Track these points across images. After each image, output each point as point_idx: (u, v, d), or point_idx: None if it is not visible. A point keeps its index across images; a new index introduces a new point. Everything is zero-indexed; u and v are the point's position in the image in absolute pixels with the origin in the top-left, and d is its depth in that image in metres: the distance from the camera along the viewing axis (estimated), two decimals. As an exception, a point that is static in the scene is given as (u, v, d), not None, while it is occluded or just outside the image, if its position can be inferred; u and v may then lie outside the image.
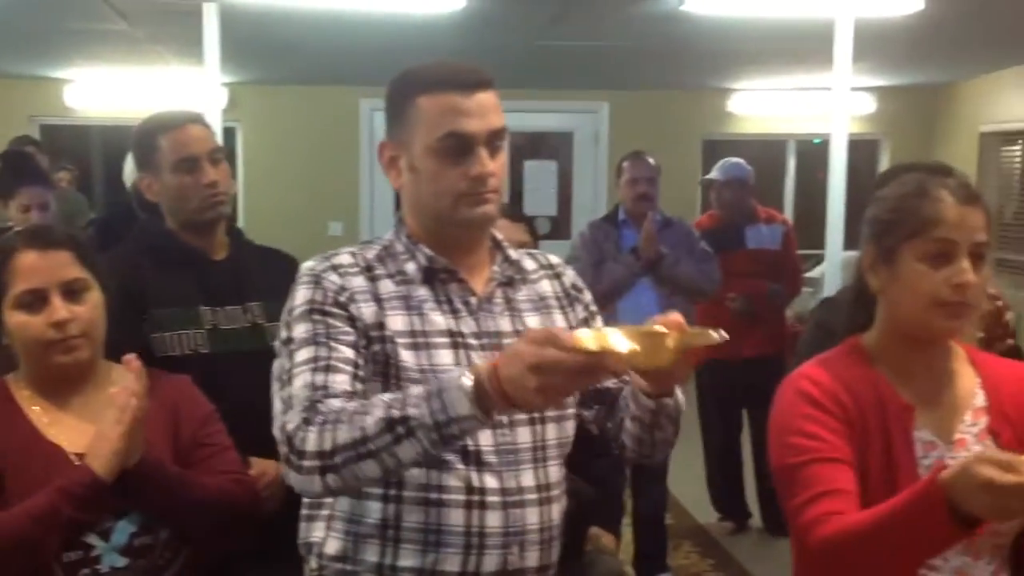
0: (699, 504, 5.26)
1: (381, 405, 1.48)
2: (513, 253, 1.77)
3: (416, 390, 1.48)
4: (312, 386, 1.55)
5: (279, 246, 2.60)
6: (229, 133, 8.13)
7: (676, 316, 1.43)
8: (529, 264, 1.78)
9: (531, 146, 8.96)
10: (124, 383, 1.76)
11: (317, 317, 1.61)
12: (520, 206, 8.61)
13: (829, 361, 1.62)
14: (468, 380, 1.41)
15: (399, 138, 1.68)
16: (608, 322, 1.67)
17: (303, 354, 1.59)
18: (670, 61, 7.08)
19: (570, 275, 1.82)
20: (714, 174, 5.14)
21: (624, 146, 5.16)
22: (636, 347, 1.37)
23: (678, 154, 8.12)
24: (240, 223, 8.52)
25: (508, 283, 1.73)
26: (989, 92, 8.39)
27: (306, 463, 1.50)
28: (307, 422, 1.51)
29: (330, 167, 8.45)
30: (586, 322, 1.79)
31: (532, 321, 1.72)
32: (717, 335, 1.39)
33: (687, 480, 5.24)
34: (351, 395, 1.55)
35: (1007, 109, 8.14)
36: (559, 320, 1.75)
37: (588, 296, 1.82)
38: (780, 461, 1.57)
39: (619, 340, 1.37)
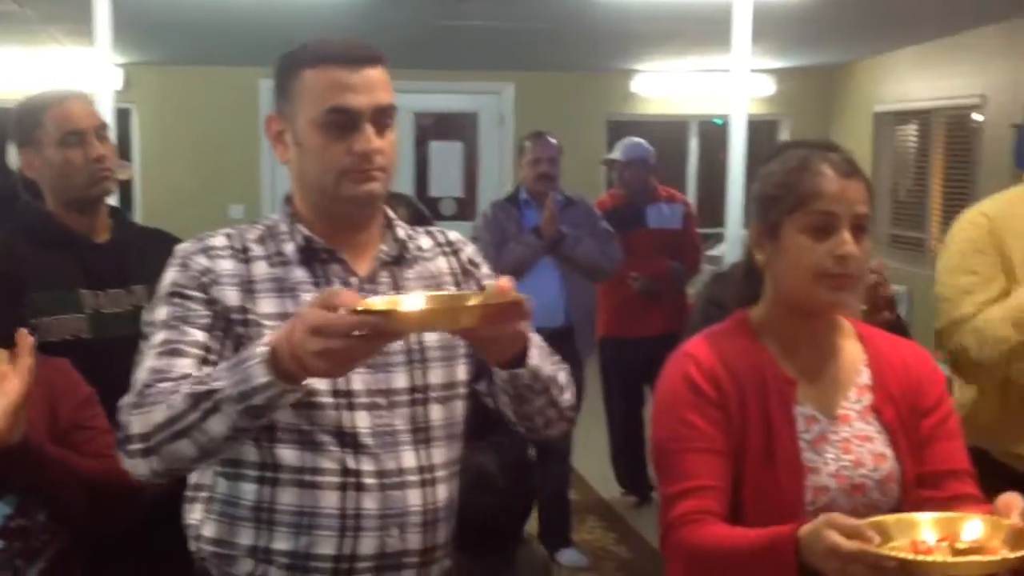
0: (603, 479, 5.32)
1: (190, 382, 1.46)
2: (403, 232, 1.74)
3: (223, 364, 1.46)
4: (153, 370, 1.53)
5: (178, 230, 2.54)
6: (124, 115, 7.93)
7: (504, 281, 1.40)
8: (425, 242, 1.76)
9: (436, 127, 8.92)
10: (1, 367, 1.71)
11: (177, 300, 1.59)
12: (426, 187, 8.60)
13: (714, 335, 1.64)
14: (264, 347, 1.38)
15: (285, 112, 1.65)
16: None
17: (157, 337, 1.57)
18: (574, 42, 7.10)
19: (468, 250, 1.79)
20: (615, 154, 5.19)
21: (529, 127, 5.17)
22: (429, 308, 1.33)
23: (582, 135, 8.17)
24: (137, 207, 8.35)
25: (395, 262, 1.70)
26: (883, 72, 8.60)
27: (131, 447, 1.49)
28: (134, 406, 1.50)
29: (229, 149, 8.31)
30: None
31: None
32: (518, 294, 1.36)
33: (591, 456, 5.30)
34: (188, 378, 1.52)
35: (900, 89, 8.35)
36: None
37: (486, 270, 1.79)
38: (659, 441, 1.60)
39: (412, 301, 1.35)
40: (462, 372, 1.70)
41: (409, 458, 1.63)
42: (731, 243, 5.06)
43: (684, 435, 1.55)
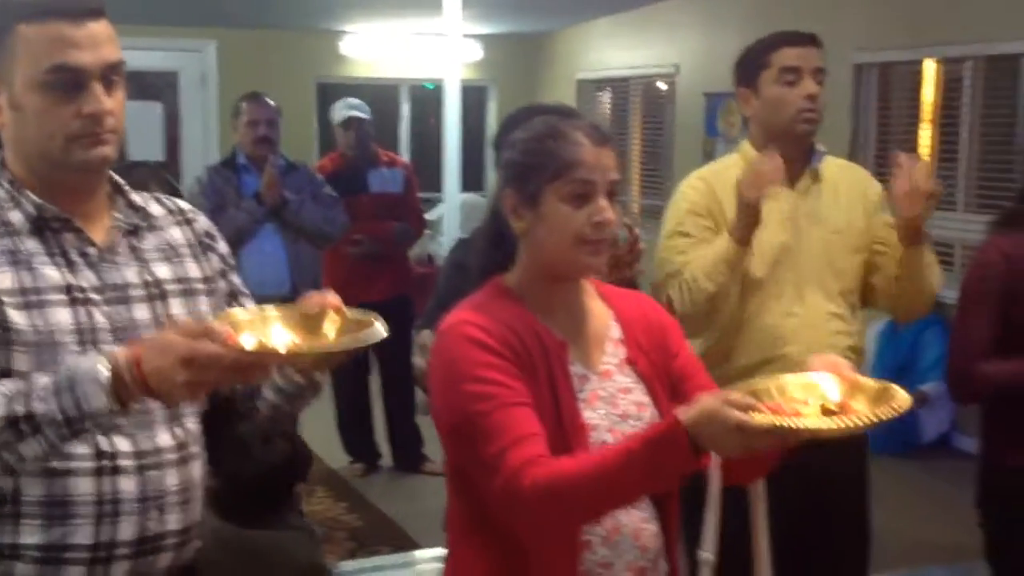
0: (330, 449, 5.25)
1: (2, 401, 1.36)
2: (137, 198, 1.64)
3: (43, 381, 1.37)
4: None
5: None
6: None
7: (333, 298, 1.43)
8: (156, 209, 1.66)
9: (131, 86, 8.34)
10: None
11: None
12: (123, 152, 8.08)
13: (483, 305, 1.62)
14: (105, 371, 1.33)
15: None
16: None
17: None
18: (279, -1, 6.89)
19: (203, 222, 1.72)
20: (337, 115, 5.08)
21: (234, 88, 4.97)
22: (296, 341, 1.37)
23: (292, 97, 7.93)
24: None
25: (133, 231, 1.60)
26: (584, 41, 8.94)
27: None
28: None
29: None
30: (224, 275, 1.70)
31: (163, 271, 1.60)
32: (378, 324, 1.41)
33: (317, 426, 5.21)
34: None
35: (600, 57, 8.72)
36: (192, 269, 1.65)
37: (224, 246, 1.73)
38: (461, 410, 1.54)
39: (279, 335, 1.37)
40: None
41: (165, 436, 1.57)
42: (449, 207, 5.12)
43: (491, 394, 1.52)
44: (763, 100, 2.35)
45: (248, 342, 1.34)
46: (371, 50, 8.68)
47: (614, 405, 1.62)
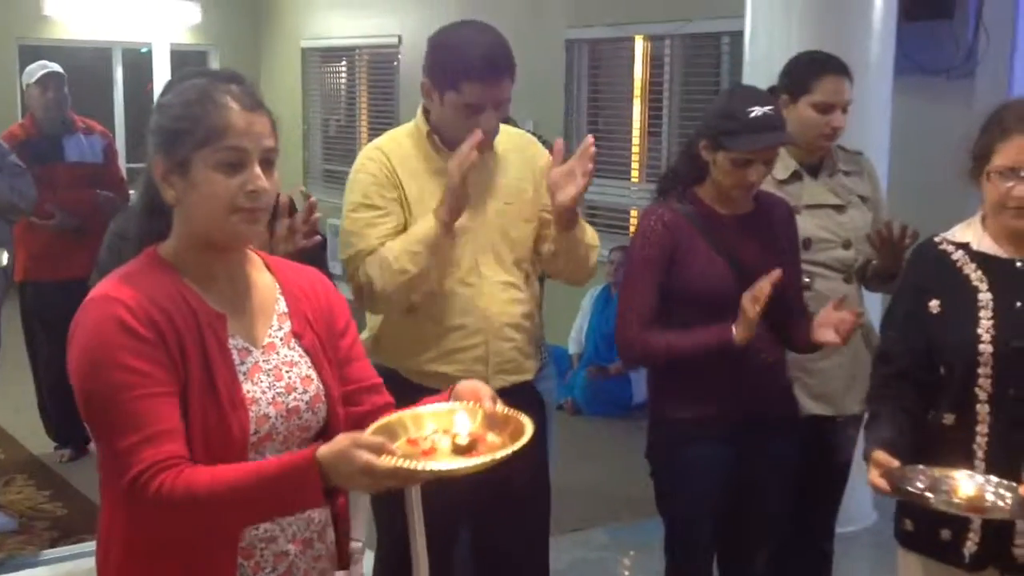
0: (31, 434, 4.94)
1: None
2: None
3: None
4: None
5: None
6: None
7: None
8: None
9: None
10: None
11: None
12: None
13: (130, 275, 1.55)
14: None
15: None
16: None
17: None
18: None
19: None
20: (34, 75, 4.75)
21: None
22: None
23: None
24: None
25: None
26: (308, 8, 8.78)
27: None
28: None
29: None
30: None
31: None
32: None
33: (16, 410, 4.91)
34: None
35: (325, 26, 8.60)
36: None
37: None
38: (98, 393, 1.47)
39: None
40: None
41: None
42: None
43: (131, 383, 1.45)
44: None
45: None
46: (79, 10, 8.17)
47: (278, 378, 1.59)
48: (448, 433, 1.48)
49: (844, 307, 2.39)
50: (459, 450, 1.44)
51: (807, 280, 2.63)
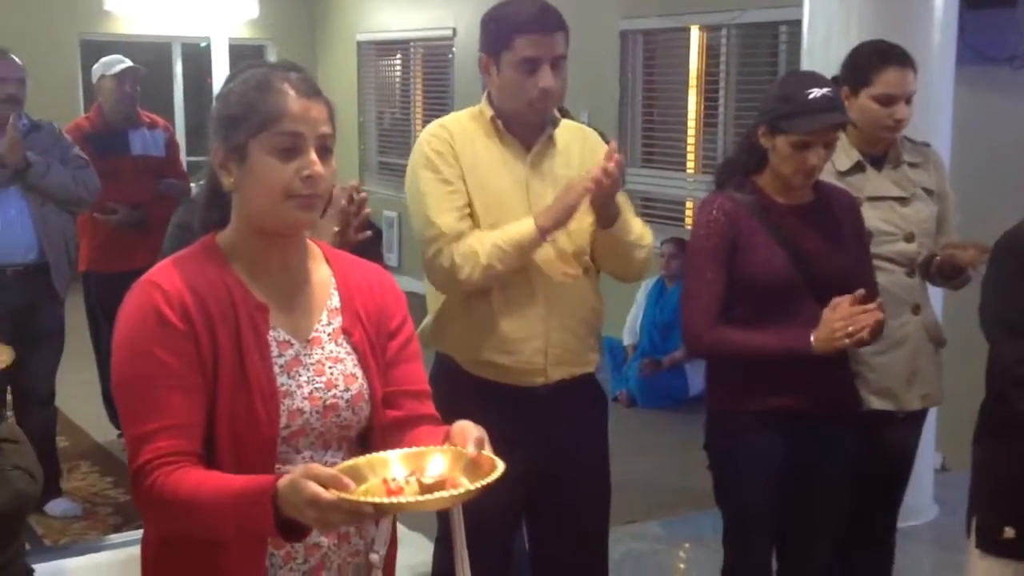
0: (96, 422, 5.04)
1: None
2: None
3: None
4: None
5: None
6: None
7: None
8: None
9: None
10: None
11: None
12: None
13: (181, 261, 1.57)
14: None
15: None
16: None
17: None
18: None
19: None
20: (111, 68, 4.83)
21: (-11, 45, 4.64)
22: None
23: (53, 55, 7.53)
24: None
25: None
26: (363, 2, 8.83)
27: None
28: None
29: None
30: None
31: None
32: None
33: (81, 398, 5.00)
34: None
35: (380, 19, 8.64)
36: None
37: None
38: (123, 377, 1.51)
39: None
40: None
41: None
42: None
43: (152, 372, 1.47)
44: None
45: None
46: (139, 5, 8.30)
47: (319, 373, 1.58)
48: (416, 475, 1.43)
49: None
50: (425, 489, 1.39)
51: None
